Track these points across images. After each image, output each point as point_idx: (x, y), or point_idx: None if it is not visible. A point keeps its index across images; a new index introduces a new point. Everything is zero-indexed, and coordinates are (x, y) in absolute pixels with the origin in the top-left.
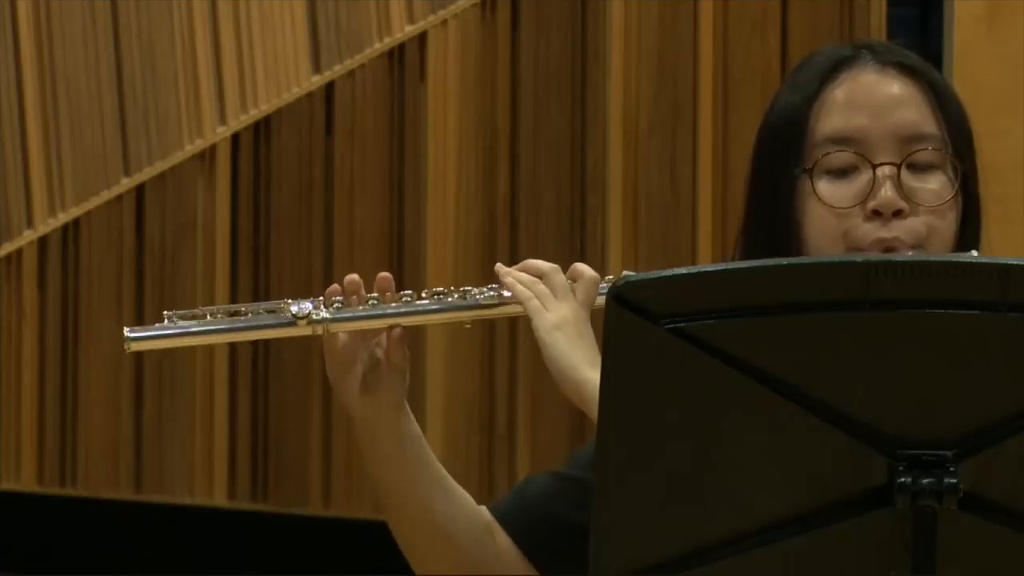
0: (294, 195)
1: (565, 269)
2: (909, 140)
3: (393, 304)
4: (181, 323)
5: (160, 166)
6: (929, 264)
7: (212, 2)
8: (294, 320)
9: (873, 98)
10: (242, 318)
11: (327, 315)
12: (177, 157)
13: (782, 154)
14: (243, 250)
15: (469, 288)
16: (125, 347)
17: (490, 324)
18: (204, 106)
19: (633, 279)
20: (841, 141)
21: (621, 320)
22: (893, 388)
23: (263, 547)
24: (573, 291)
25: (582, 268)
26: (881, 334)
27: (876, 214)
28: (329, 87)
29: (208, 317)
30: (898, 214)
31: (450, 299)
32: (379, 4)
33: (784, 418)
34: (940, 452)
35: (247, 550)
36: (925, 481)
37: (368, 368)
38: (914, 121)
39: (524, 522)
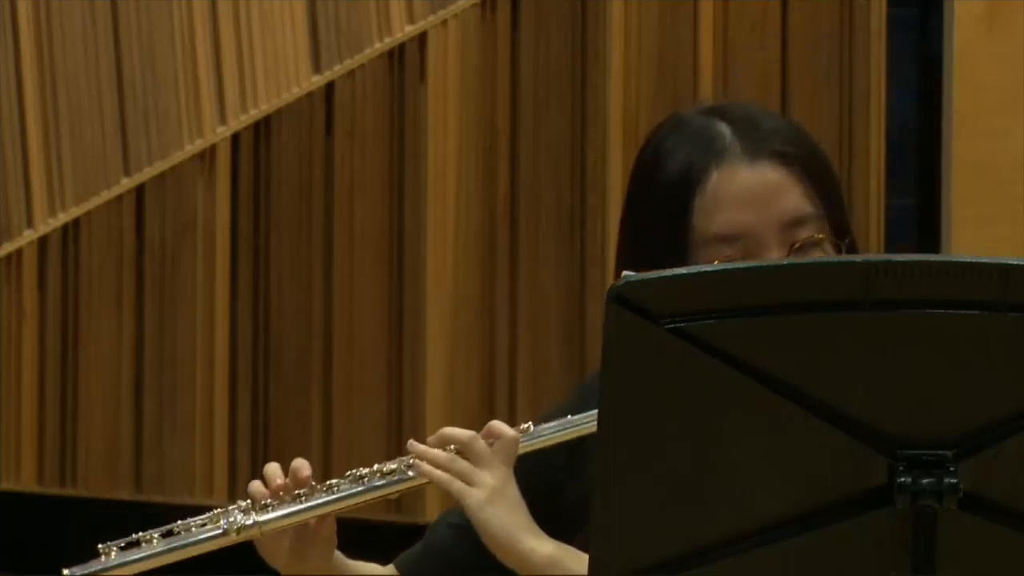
0: (294, 195)
1: (564, 269)
2: (791, 227)
3: (318, 494)
4: (117, 555)
5: (160, 166)
6: (929, 264)
7: (212, 2)
8: (226, 532)
9: (750, 193)
10: (177, 538)
11: (258, 519)
12: (177, 157)
13: (666, 249)
14: (243, 250)
15: (391, 464)
16: None
17: (490, 331)
18: (204, 106)
19: (633, 279)
20: (728, 240)
21: (621, 320)
22: (893, 388)
23: None
24: (494, 451)
25: (500, 428)
26: (881, 334)
27: None
28: (329, 87)
29: (143, 545)
30: None
31: (374, 480)
32: (379, 4)
33: (784, 418)
34: (940, 452)
35: (247, 550)
36: (925, 481)
37: (295, 540)
38: (793, 207)
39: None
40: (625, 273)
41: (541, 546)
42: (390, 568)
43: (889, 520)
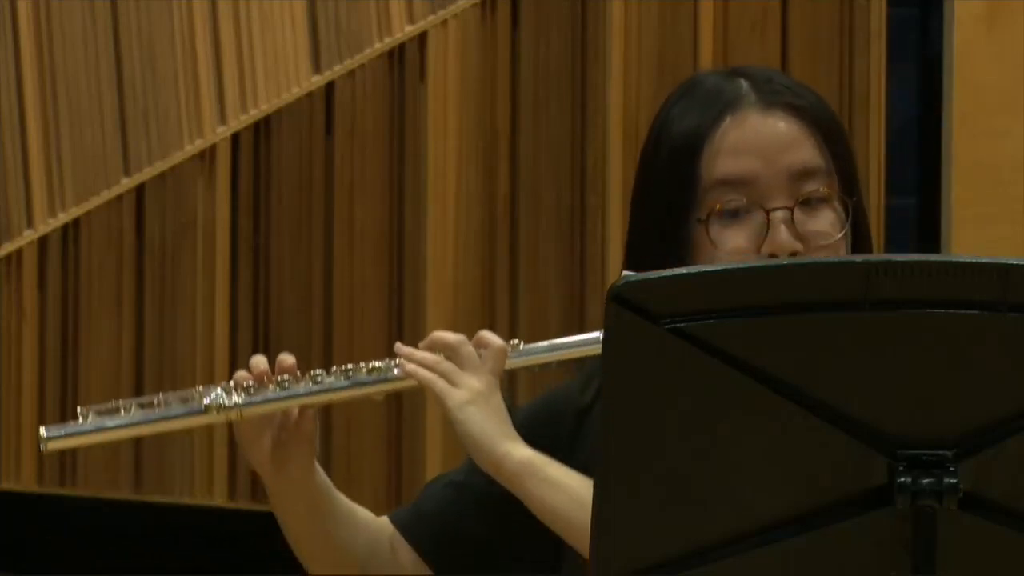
0: (294, 195)
1: (564, 269)
2: (799, 179)
3: (302, 383)
4: (94, 419)
5: (160, 166)
6: (929, 264)
7: (212, 2)
8: (205, 409)
9: (761, 140)
10: (154, 410)
11: (239, 401)
12: (177, 157)
13: (674, 197)
14: (243, 250)
15: (377, 363)
16: (42, 447)
17: (490, 327)
18: (204, 106)
19: (633, 279)
20: (733, 185)
21: (621, 320)
22: (893, 388)
23: (263, 547)
24: (482, 360)
25: (489, 337)
26: (881, 334)
27: (772, 257)
28: (329, 87)
29: (122, 411)
30: (793, 255)
31: (359, 375)
32: (379, 4)
33: (784, 418)
34: (940, 452)
35: (247, 550)
36: (925, 481)
37: (276, 439)
38: (803, 160)
39: (424, 534)
40: (625, 273)
41: (517, 451)
42: (384, 519)
43: (889, 520)
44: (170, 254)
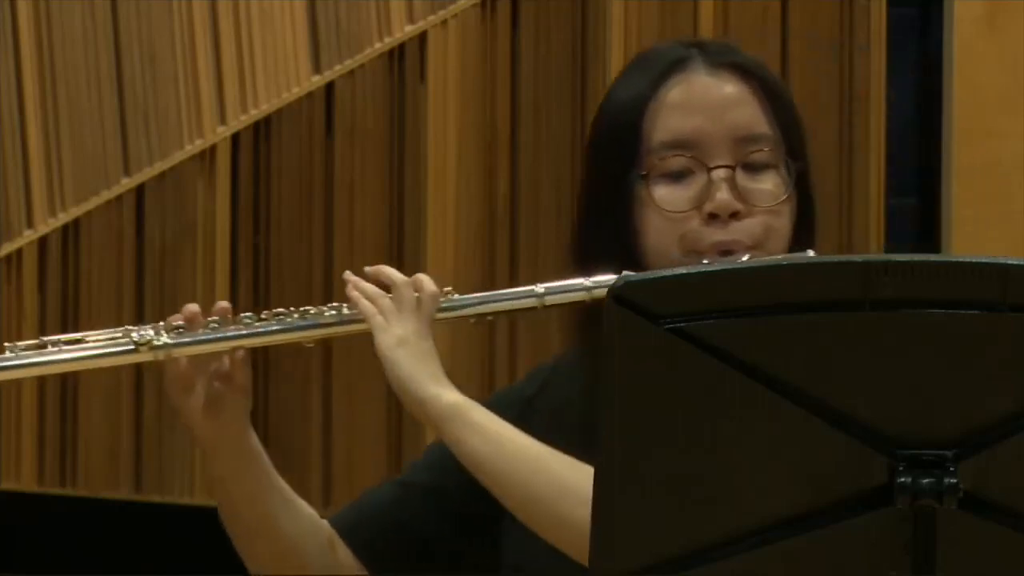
0: (294, 195)
1: (564, 269)
2: (744, 141)
3: (234, 327)
4: (23, 354)
5: (160, 166)
6: (929, 264)
7: (212, 2)
8: (135, 347)
9: (707, 100)
10: (83, 346)
11: (169, 340)
12: (177, 157)
13: (617, 159)
14: (243, 250)
15: (310, 308)
16: None
17: (491, 326)
18: (204, 106)
19: (633, 279)
20: (676, 145)
21: (621, 320)
22: (893, 388)
23: None
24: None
25: (424, 281)
26: (881, 334)
27: (713, 217)
28: (329, 87)
29: (49, 347)
30: (735, 216)
31: (290, 319)
32: (379, 4)
33: (784, 418)
34: (940, 452)
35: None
36: (925, 481)
37: (210, 390)
38: (748, 122)
39: (364, 535)
40: (625, 273)
41: (446, 394)
42: (324, 522)
43: (889, 520)
44: (170, 254)
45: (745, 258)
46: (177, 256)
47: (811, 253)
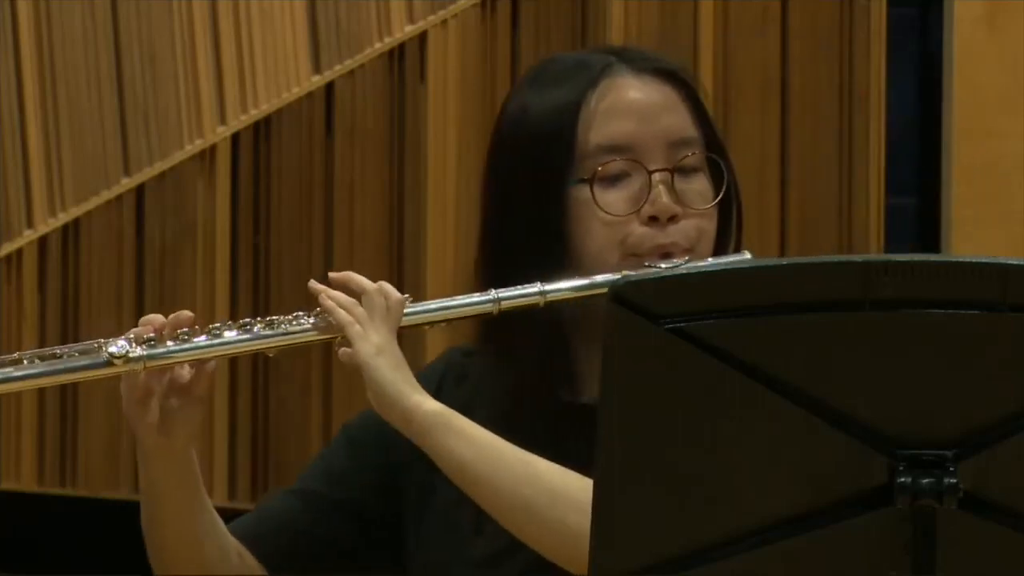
0: (294, 195)
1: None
2: (676, 145)
3: (203, 336)
4: None
5: (160, 166)
6: (929, 264)
7: (212, 2)
8: (110, 360)
9: (639, 105)
10: (57, 361)
11: (143, 352)
12: (177, 157)
13: (548, 166)
14: (243, 250)
15: (277, 317)
16: None
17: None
18: (204, 106)
19: (633, 279)
20: (614, 149)
21: (621, 320)
22: (893, 388)
23: None
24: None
25: (389, 288)
26: (881, 334)
27: (653, 220)
28: (329, 87)
29: (24, 362)
30: (673, 219)
31: (256, 328)
32: (379, 4)
33: (784, 418)
34: (940, 452)
35: None
36: (925, 481)
37: (165, 404)
38: (679, 126)
39: (268, 544)
40: (625, 273)
41: (427, 402)
42: (234, 540)
43: (889, 520)
44: (170, 254)
45: (683, 260)
46: (177, 256)
47: (747, 255)
